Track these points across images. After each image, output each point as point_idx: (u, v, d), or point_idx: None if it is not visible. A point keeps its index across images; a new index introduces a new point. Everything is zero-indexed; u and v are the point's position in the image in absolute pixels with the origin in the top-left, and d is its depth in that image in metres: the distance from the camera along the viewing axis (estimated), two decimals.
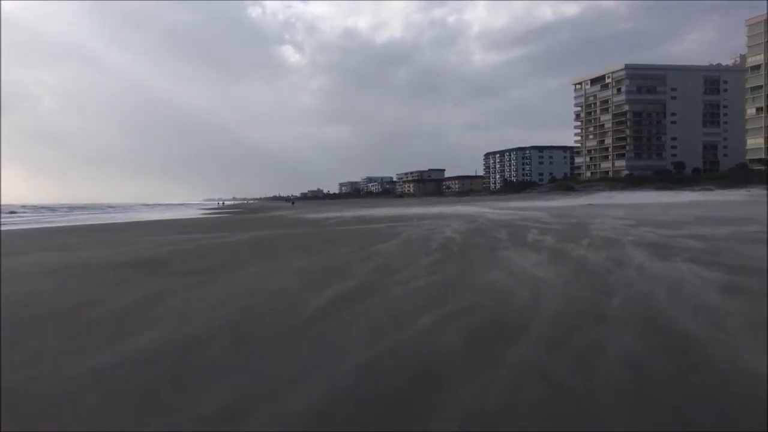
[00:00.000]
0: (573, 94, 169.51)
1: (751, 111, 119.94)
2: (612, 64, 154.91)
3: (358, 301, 7.84)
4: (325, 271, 11.05)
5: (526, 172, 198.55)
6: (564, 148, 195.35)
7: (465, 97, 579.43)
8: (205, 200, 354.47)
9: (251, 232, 24.47)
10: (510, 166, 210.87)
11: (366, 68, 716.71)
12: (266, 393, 4.42)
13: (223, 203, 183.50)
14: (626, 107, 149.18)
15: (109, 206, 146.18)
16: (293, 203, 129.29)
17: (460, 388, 4.45)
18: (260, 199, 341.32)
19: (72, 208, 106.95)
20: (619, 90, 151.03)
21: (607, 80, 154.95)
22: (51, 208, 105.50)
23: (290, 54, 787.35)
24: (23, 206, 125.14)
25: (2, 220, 50.46)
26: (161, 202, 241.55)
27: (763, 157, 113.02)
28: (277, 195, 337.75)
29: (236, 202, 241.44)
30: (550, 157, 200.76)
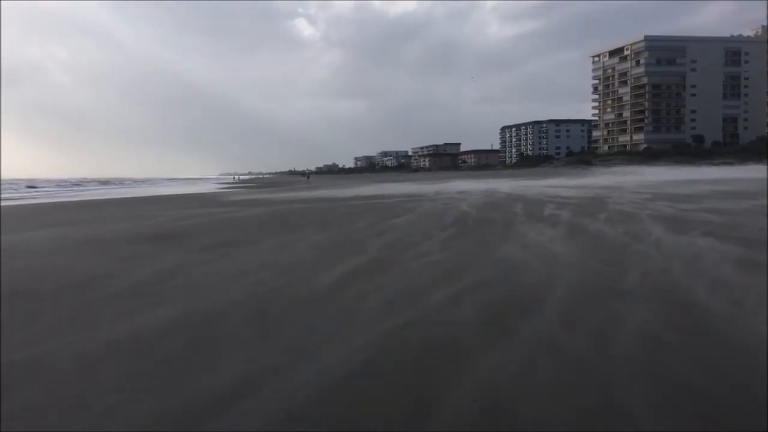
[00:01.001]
0: (591, 67, 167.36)
1: None
2: (629, 36, 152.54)
3: (372, 275, 7.86)
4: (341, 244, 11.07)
5: (542, 146, 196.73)
6: (581, 122, 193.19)
7: (480, 71, 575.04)
8: (221, 174, 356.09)
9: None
10: (527, 139, 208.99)
11: (379, 42, 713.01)
12: (282, 365, 4.45)
13: (239, 178, 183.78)
14: (645, 80, 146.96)
15: (127, 180, 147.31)
16: (308, 178, 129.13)
17: (476, 361, 4.46)
18: (276, 173, 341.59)
19: (89, 182, 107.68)
20: (638, 62, 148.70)
21: (626, 52, 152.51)
22: (69, 182, 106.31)
23: (303, 27, 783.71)
24: (47, 180, 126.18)
25: (22, 194, 51.06)
26: (177, 176, 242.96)
27: None
28: (293, 169, 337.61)
29: (251, 177, 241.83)
30: (567, 130, 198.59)
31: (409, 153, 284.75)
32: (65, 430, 3.53)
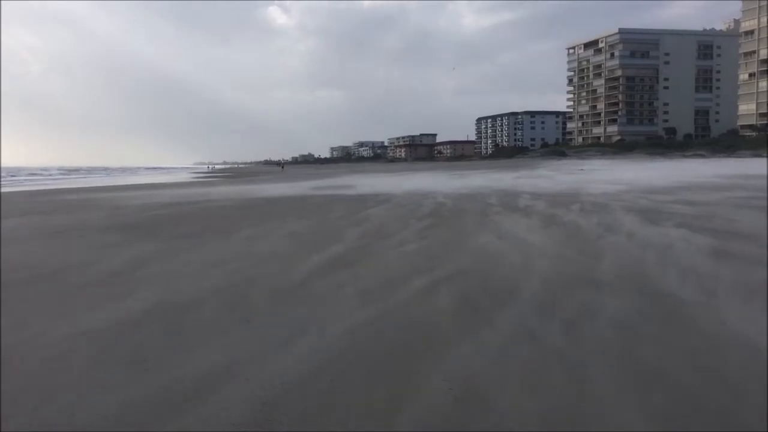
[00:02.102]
0: (566, 59, 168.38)
1: (743, 76, 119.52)
2: (604, 28, 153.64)
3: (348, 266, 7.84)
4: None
5: (518, 137, 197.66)
6: (556, 113, 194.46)
7: (456, 62, 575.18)
8: (196, 164, 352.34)
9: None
10: (502, 131, 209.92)
11: (355, 31, 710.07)
12: (257, 355, 4.42)
13: (214, 167, 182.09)
14: (619, 72, 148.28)
15: (102, 169, 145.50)
16: (283, 167, 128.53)
17: (451, 350, 4.47)
18: (251, 163, 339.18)
19: (66, 171, 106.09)
20: (612, 55, 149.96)
21: (601, 45, 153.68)
22: (46, 171, 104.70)
23: (277, 15, 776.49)
24: (19, 169, 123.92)
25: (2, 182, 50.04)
26: (151, 165, 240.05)
27: (754, 123, 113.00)
28: (268, 159, 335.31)
29: (226, 166, 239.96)
30: (542, 122, 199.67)
31: (386, 143, 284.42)
32: (36, 421, 3.47)
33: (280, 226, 12.50)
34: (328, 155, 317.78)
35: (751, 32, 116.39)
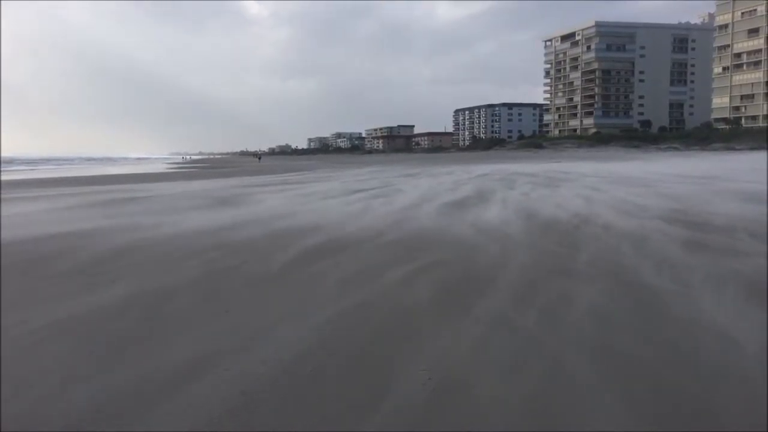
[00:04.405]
0: (543, 51, 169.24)
1: (717, 70, 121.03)
2: (581, 20, 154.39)
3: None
4: None
5: (495, 129, 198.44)
6: (533, 106, 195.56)
7: (431, 52, 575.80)
8: (171, 154, 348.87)
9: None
10: (480, 122, 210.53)
11: (329, 20, 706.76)
12: (236, 346, 4.41)
13: (190, 158, 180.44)
14: (595, 65, 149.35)
15: (78, 158, 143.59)
16: (260, 159, 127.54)
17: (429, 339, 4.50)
18: (227, 154, 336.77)
19: (37, 161, 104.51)
20: (589, 47, 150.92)
21: (578, 37, 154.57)
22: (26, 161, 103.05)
23: (250, 4, 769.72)
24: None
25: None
26: (123, 155, 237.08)
27: (727, 116, 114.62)
28: (245, 150, 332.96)
29: (202, 157, 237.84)
30: (519, 114, 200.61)
31: (363, 134, 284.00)
32: (11, 411, 3.42)
33: None
34: (305, 146, 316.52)
35: (726, 26, 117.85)
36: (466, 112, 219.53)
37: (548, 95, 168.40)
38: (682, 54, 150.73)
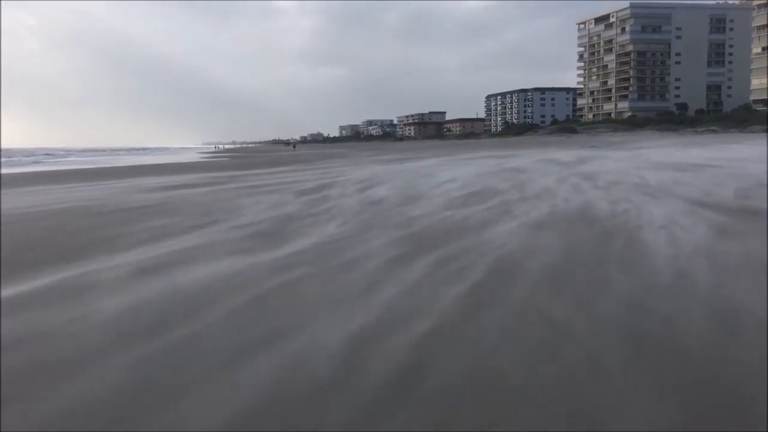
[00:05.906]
0: (576, 34, 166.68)
1: (756, 50, 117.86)
2: (615, 2, 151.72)
3: None
4: None
5: (527, 114, 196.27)
6: (567, 90, 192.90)
7: (460, 40, 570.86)
8: (204, 144, 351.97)
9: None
10: (512, 108, 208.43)
11: (356, 8, 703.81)
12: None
13: (224, 147, 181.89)
14: (630, 47, 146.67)
15: (114, 150, 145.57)
16: (294, 147, 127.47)
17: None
18: (259, 143, 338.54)
19: (72, 152, 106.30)
20: (623, 29, 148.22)
21: (612, 19, 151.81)
22: (52, 153, 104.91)
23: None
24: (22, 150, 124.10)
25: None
26: (161, 146, 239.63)
27: (767, 97, 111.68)
28: (277, 139, 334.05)
29: (235, 146, 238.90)
30: (552, 99, 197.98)
31: (395, 121, 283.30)
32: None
33: None
34: (337, 134, 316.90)
35: (765, 5, 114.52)
36: (498, 98, 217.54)
37: (581, 79, 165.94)
38: (720, 34, 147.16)
